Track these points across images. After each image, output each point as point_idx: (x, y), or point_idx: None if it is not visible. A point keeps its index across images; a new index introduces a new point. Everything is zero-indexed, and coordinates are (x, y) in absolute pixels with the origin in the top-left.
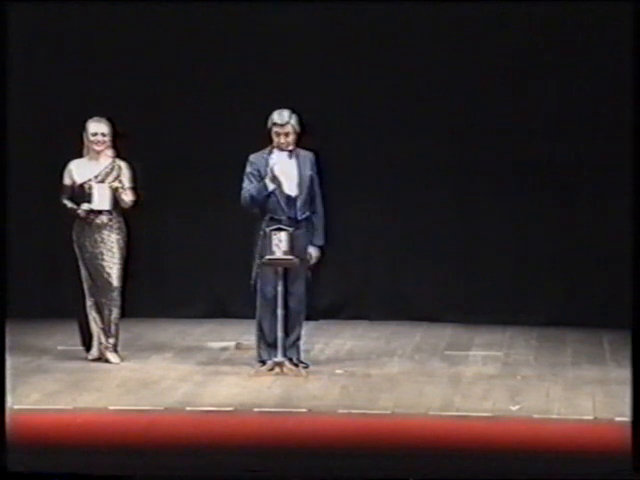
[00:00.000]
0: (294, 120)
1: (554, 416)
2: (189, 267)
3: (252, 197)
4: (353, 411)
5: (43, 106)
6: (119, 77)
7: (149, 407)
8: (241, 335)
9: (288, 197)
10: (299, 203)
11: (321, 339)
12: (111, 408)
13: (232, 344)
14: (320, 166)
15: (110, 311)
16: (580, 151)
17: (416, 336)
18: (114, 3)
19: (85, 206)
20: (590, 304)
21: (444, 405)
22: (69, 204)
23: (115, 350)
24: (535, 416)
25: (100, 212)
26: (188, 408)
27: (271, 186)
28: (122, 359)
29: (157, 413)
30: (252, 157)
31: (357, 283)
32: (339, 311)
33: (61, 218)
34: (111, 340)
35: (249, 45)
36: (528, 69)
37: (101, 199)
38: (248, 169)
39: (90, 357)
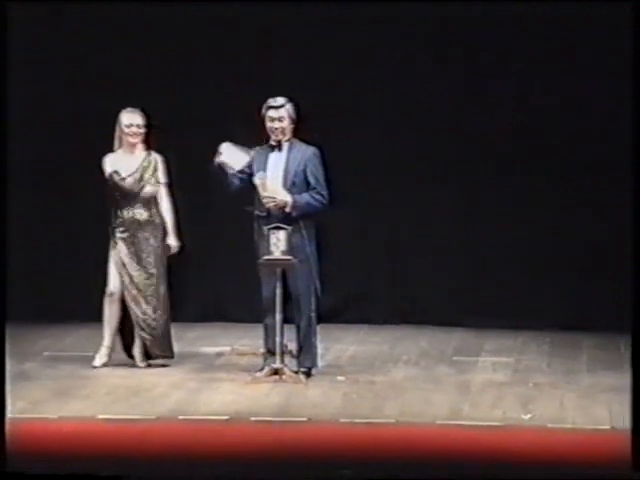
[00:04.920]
0: (290, 106)
1: (568, 426)
2: (183, 269)
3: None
4: (356, 420)
5: (43, 106)
6: (118, 77)
7: (140, 416)
8: (237, 340)
9: None
10: None
11: (321, 344)
12: (100, 417)
13: (228, 349)
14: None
15: (155, 312)
16: (585, 151)
17: (422, 341)
18: (115, 3)
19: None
20: (606, 308)
21: (452, 414)
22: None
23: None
24: (548, 426)
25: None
26: (181, 417)
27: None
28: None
29: (148, 422)
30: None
31: (359, 285)
32: (340, 314)
33: (60, 219)
34: (139, 344)
35: (253, 44)
36: (528, 69)
37: (232, 158)
38: None
39: (97, 364)
